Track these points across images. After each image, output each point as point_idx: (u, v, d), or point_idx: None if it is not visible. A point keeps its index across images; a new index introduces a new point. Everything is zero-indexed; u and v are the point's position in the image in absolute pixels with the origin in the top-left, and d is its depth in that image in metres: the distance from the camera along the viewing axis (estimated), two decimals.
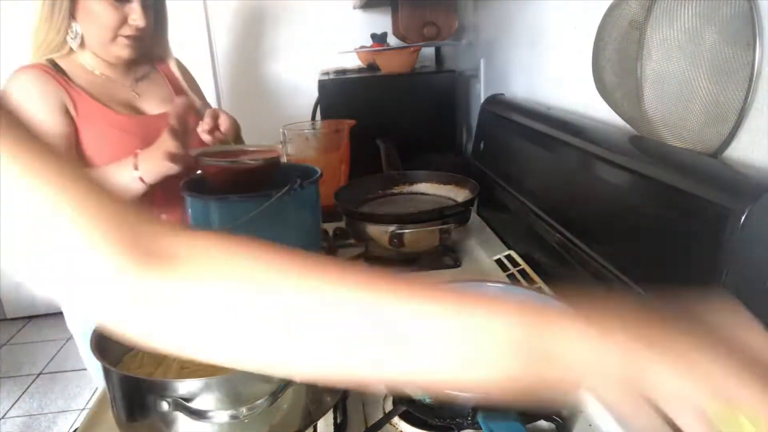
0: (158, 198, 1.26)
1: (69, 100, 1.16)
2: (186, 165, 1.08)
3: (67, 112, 1.16)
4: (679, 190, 0.65)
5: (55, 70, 1.17)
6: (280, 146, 1.15)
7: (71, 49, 1.20)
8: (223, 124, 1.19)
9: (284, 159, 1.53)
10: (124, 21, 1.15)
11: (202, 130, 1.17)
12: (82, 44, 1.20)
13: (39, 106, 1.13)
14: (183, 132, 1.05)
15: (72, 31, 1.17)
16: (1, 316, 3.12)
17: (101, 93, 1.22)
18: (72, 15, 1.15)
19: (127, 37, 1.17)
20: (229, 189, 1.06)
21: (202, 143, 1.18)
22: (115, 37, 1.17)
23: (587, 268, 0.86)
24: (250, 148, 1.11)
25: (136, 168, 1.06)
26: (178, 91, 1.37)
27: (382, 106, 1.79)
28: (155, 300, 0.35)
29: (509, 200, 1.22)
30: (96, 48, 1.20)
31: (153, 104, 1.29)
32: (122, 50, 1.19)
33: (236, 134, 1.25)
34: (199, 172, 1.17)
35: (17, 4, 2.47)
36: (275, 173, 1.08)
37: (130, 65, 1.29)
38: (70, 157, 1.13)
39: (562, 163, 0.99)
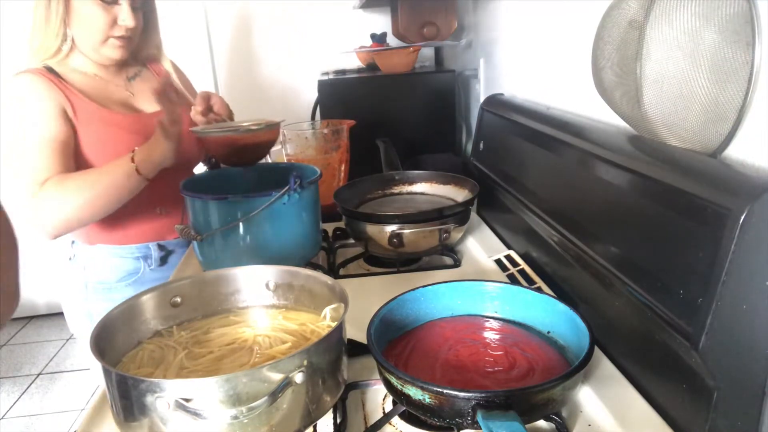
0: (159, 198, 1.26)
1: (67, 103, 1.16)
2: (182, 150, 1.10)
3: (66, 115, 1.15)
4: (679, 190, 0.65)
5: (51, 74, 1.17)
6: (281, 121, 1.18)
7: (65, 53, 1.20)
8: (216, 104, 1.20)
9: (284, 159, 1.54)
10: (113, 22, 1.16)
11: (196, 112, 1.17)
12: (72, 48, 1.20)
13: (39, 110, 1.13)
14: (175, 129, 1.06)
15: (65, 36, 1.18)
16: None
17: (97, 94, 1.22)
18: (64, 20, 1.16)
19: (117, 38, 1.18)
20: (232, 160, 1.11)
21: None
22: (106, 39, 1.17)
23: (587, 268, 0.86)
24: (246, 123, 1.12)
25: (133, 160, 1.08)
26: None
27: (382, 106, 1.79)
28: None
29: (509, 200, 1.22)
30: (87, 50, 1.20)
31: (148, 102, 1.30)
32: (113, 51, 1.20)
33: (229, 115, 1.25)
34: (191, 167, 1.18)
35: (16, 7, 2.48)
36: (273, 143, 1.15)
37: (121, 66, 1.29)
38: (69, 159, 1.14)
39: (562, 163, 0.99)
